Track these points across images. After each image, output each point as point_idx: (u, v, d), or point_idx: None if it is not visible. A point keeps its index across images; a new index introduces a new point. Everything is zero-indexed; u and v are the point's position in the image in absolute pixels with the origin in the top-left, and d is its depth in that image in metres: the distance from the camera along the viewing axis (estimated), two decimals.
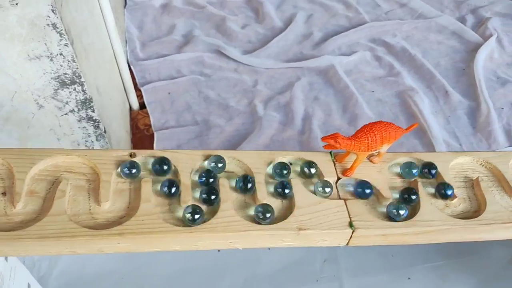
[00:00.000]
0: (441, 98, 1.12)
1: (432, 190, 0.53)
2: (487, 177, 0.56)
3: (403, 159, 0.56)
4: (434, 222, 0.50)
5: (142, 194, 0.45)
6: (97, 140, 0.78)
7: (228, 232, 0.45)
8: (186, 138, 1.04)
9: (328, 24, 1.35)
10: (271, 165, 0.52)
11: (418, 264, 0.84)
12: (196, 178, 0.49)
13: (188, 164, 0.49)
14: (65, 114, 0.73)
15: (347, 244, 0.49)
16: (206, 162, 0.50)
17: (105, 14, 0.93)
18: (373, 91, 1.15)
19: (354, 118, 1.08)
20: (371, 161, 0.55)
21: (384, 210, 0.50)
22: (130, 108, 1.12)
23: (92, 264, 0.79)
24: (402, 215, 0.48)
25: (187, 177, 0.48)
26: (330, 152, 0.55)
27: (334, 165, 0.54)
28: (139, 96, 1.13)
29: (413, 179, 0.54)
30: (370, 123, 0.52)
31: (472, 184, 0.55)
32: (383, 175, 0.54)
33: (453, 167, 0.57)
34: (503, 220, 0.51)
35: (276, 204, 0.49)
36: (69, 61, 0.66)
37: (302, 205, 0.49)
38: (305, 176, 0.52)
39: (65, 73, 0.67)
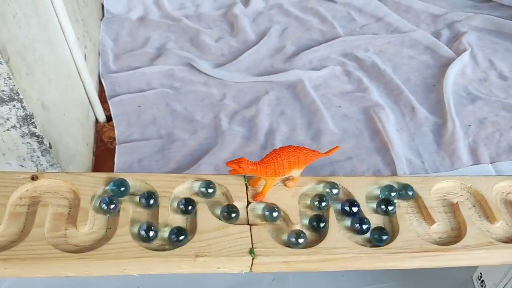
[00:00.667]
0: (408, 115, 1.11)
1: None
2: (406, 203, 0.55)
3: (320, 184, 0.55)
4: (339, 250, 0.49)
5: (37, 218, 0.45)
6: (42, 155, 0.78)
7: (120, 259, 0.45)
8: (149, 152, 1.04)
9: (302, 38, 1.35)
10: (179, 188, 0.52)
11: (366, 285, 0.83)
12: (98, 203, 0.49)
13: (89, 188, 0.49)
14: (7, 130, 0.73)
15: (251, 270, 0.48)
16: (108, 186, 0.50)
17: (64, 27, 0.93)
18: (340, 106, 1.15)
19: (318, 133, 1.07)
20: (285, 185, 0.54)
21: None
22: (97, 121, 1.12)
23: (39, 281, 0.80)
24: (301, 243, 0.48)
25: (87, 201, 0.48)
26: (244, 176, 0.54)
27: (247, 188, 0.53)
28: (108, 108, 1.14)
29: (325, 208, 0.53)
30: (280, 147, 0.51)
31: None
32: (296, 200, 0.53)
33: (371, 193, 0.56)
34: (414, 249, 0.50)
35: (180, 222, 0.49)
36: (4, 78, 0.66)
37: (204, 230, 0.48)
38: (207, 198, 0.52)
39: (2, 90, 0.68)
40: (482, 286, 0.80)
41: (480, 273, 0.81)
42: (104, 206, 0.47)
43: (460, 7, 1.45)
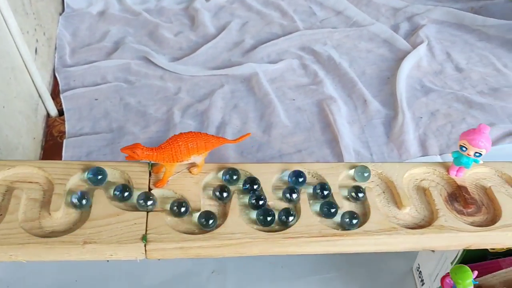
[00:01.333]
0: (360, 107, 1.11)
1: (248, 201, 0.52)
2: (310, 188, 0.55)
3: (221, 172, 0.55)
4: (235, 235, 0.48)
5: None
6: None
7: (5, 245, 0.44)
8: (98, 146, 1.03)
9: (262, 32, 1.34)
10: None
11: (306, 276, 0.83)
12: None
13: None
14: None
15: (146, 257, 0.48)
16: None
17: (6, 20, 0.93)
18: (294, 99, 1.14)
19: (269, 126, 1.07)
20: (190, 171, 0.54)
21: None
22: (49, 115, 1.12)
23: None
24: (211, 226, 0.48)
25: None
26: (149, 163, 0.54)
27: (150, 175, 0.53)
28: (62, 103, 1.14)
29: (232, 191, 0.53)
30: (179, 133, 0.51)
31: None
32: (199, 187, 0.53)
33: (276, 179, 0.56)
34: (313, 234, 0.50)
35: (73, 216, 0.48)
36: None
37: (97, 217, 0.48)
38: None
39: None
40: (420, 276, 0.80)
41: (418, 264, 0.81)
42: None
43: (422, 0, 1.45)
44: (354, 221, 0.51)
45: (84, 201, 0.48)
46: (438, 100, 1.12)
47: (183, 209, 0.49)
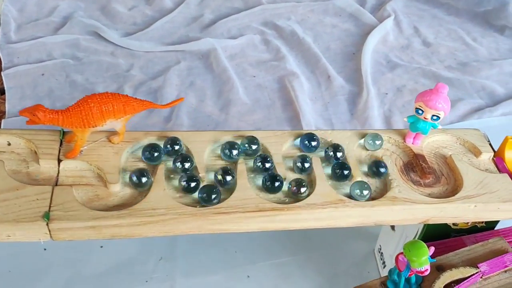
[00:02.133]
0: (323, 84, 1.05)
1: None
2: (252, 160, 0.49)
3: (148, 139, 0.48)
4: (157, 211, 0.42)
5: None
6: None
7: None
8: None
9: (222, 6, 1.27)
10: None
11: (260, 261, 0.76)
12: None
13: None
14: None
15: (51, 238, 0.41)
16: None
17: None
18: (254, 76, 1.08)
19: (227, 104, 1.00)
20: (110, 140, 0.47)
21: None
22: None
23: None
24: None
25: None
26: (61, 130, 0.46)
27: (61, 144, 0.45)
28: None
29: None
30: (92, 94, 0.44)
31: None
32: (119, 158, 0.46)
33: (217, 149, 0.49)
34: (248, 208, 0.43)
35: None
36: None
37: None
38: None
39: None
40: (381, 258, 0.75)
41: (380, 245, 0.76)
42: None
43: None
44: (303, 190, 0.44)
45: None
46: (404, 75, 1.06)
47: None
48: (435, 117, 0.49)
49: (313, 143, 0.50)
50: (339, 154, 0.50)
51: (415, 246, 0.43)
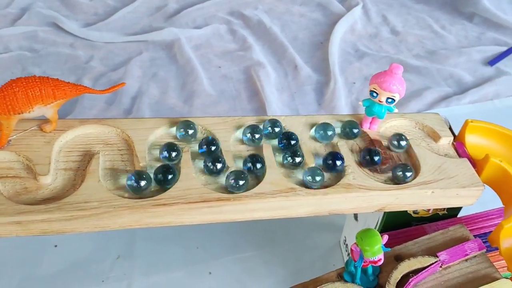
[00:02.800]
0: (290, 74, 1.02)
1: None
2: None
3: (85, 128, 0.44)
4: (90, 204, 0.38)
5: None
6: None
7: None
8: None
9: None
10: None
11: (223, 257, 0.74)
12: None
13: None
14: None
15: None
16: None
17: None
18: (220, 67, 1.05)
19: (191, 95, 0.97)
20: (41, 129, 0.43)
21: None
22: None
23: None
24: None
25: None
26: None
27: None
28: None
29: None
30: (17, 78, 0.40)
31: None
32: (51, 147, 0.42)
33: (162, 137, 0.46)
34: (191, 199, 0.40)
35: None
36: None
37: None
38: None
39: None
40: (346, 249, 0.73)
41: (345, 237, 0.74)
42: None
43: None
44: (241, 182, 0.42)
45: None
46: (372, 64, 1.04)
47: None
48: (390, 100, 0.46)
49: (329, 132, 0.48)
50: (292, 142, 0.47)
51: (367, 235, 0.40)
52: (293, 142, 0.47)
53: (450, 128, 0.54)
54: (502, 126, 0.52)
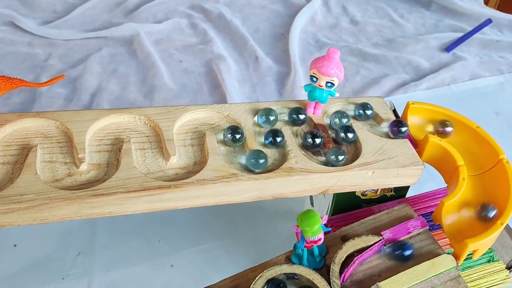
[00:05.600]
0: (252, 65, 1.03)
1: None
2: (146, 137, 0.46)
3: (24, 121, 0.44)
4: (25, 197, 0.38)
5: None
6: None
7: None
8: None
9: None
10: None
11: (186, 249, 0.74)
12: None
13: None
14: None
15: None
16: None
17: None
18: (181, 61, 1.04)
19: (152, 90, 0.96)
20: None
21: None
22: None
23: None
24: None
25: None
26: None
27: None
28: None
29: None
30: None
31: (119, 147, 0.44)
32: None
33: (104, 128, 0.46)
34: (131, 188, 0.40)
35: None
36: None
37: None
38: None
39: None
40: None
41: None
42: None
43: None
44: (182, 172, 0.42)
45: None
46: None
47: None
48: (329, 84, 0.47)
49: (271, 118, 0.48)
50: (237, 136, 0.47)
51: (306, 216, 0.41)
52: (238, 136, 0.47)
53: (394, 111, 0.55)
54: (442, 107, 0.54)
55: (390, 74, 1.00)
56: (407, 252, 0.46)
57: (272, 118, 0.48)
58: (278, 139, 0.46)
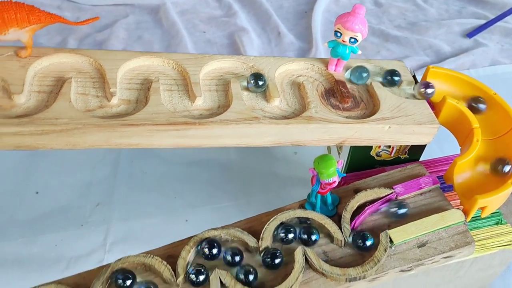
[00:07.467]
0: (273, 40, 1.04)
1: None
2: (173, 80, 0.48)
3: (60, 56, 0.46)
4: (60, 121, 0.41)
5: None
6: None
7: None
8: None
9: None
10: None
11: (199, 206, 0.76)
12: None
13: None
14: None
15: None
16: None
17: None
18: (204, 32, 1.06)
19: None
20: (17, 54, 0.45)
21: None
22: None
23: None
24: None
25: None
26: None
27: None
28: None
29: None
30: None
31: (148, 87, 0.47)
32: (25, 71, 0.44)
33: (135, 69, 0.48)
34: (158, 121, 0.43)
35: None
36: None
37: None
38: None
39: None
40: None
41: None
42: None
43: None
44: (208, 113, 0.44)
45: None
46: None
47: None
48: (352, 40, 0.49)
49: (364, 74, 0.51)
50: (260, 83, 0.49)
51: (323, 159, 0.43)
52: (261, 82, 0.49)
53: (414, 76, 0.57)
54: (460, 73, 0.55)
55: (410, 55, 1.01)
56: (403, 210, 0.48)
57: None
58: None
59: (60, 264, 0.67)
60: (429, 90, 0.51)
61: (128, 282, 0.41)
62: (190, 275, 0.42)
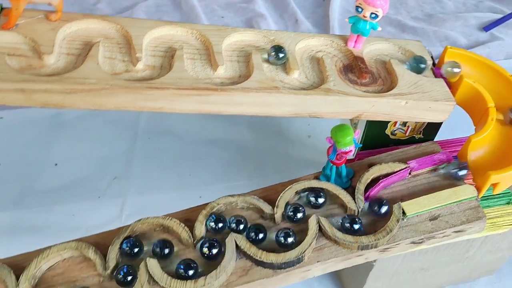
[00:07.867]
0: (291, 27, 1.06)
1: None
2: (196, 50, 0.49)
3: (88, 22, 0.48)
4: (88, 80, 0.42)
5: None
6: None
7: None
8: None
9: None
10: None
11: (213, 184, 0.78)
12: None
13: None
14: None
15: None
16: None
17: None
18: (222, 17, 1.08)
19: None
20: (47, 17, 0.47)
21: None
22: None
23: None
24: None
25: None
26: (0, 5, 0.46)
27: None
28: None
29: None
30: None
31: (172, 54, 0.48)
32: (55, 33, 0.46)
33: (159, 37, 0.50)
34: (182, 86, 0.44)
35: None
36: None
37: None
38: None
39: None
40: None
41: None
42: None
43: None
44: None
45: None
46: None
47: None
48: (373, 15, 0.50)
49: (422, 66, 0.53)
50: (280, 55, 0.50)
51: (340, 128, 0.44)
52: (281, 55, 0.50)
53: (432, 57, 0.57)
54: (478, 54, 0.56)
55: (427, 46, 1.01)
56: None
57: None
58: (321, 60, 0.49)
59: (77, 232, 0.69)
60: (456, 70, 0.51)
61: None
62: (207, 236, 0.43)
